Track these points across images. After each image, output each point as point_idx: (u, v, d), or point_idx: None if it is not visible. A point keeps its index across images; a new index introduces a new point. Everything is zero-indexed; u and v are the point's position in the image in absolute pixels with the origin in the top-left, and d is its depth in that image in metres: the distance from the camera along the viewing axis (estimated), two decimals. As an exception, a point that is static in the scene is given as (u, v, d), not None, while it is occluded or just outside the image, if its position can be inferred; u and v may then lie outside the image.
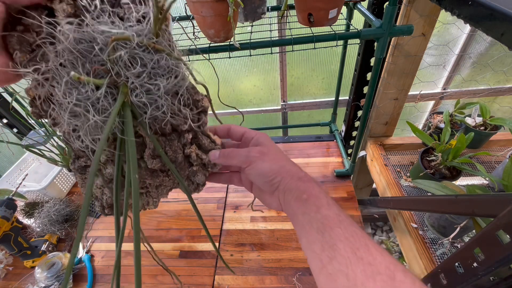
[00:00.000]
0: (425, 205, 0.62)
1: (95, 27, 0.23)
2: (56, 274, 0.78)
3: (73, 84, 0.24)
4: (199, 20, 0.55)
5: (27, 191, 0.96)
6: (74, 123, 0.25)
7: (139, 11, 0.25)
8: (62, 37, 0.23)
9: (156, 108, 0.26)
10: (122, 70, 0.24)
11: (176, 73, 0.27)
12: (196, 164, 0.34)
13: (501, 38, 0.39)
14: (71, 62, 0.24)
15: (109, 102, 0.25)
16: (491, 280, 0.39)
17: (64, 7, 0.24)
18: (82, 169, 0.33)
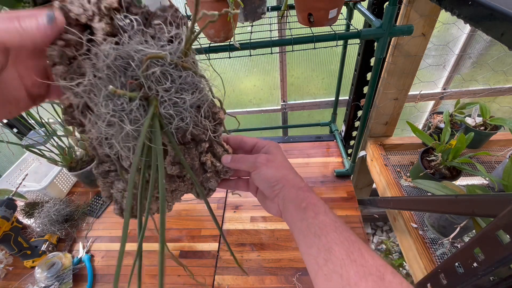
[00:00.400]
0: (425, 205, 0.62)
1: (132, 46, 0.26)
2: (56, 274, 0.78)
3: (109, 96, 0.26)
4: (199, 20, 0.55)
5: (27, 191, 0.96)
6: (109, 132, 0.28)
7: (170, 31, 0.28)
8: (102, 54, 0.26)
9: (181, 119, 0.29)
10: (154, 85, 0.27)
11: (200, 89, 0.30)
12: (210, 171, 0.37)
13: (501, 38, 0.39)
14: (109, 77, 0.26)
15: (141, 113, 0.27)
16: (491, 280, 0.39)
17: (103, 26, 0.27)
18: (105, 174, 0.35)
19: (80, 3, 0.27)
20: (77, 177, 1.05)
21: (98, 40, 0.27)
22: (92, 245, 0.90)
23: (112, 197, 0.38)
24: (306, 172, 1.04)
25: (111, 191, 0.37)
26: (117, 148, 0.29)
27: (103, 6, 0.26)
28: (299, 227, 0.30)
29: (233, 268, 0.79)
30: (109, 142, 0.29)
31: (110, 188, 0.37)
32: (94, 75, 0.26)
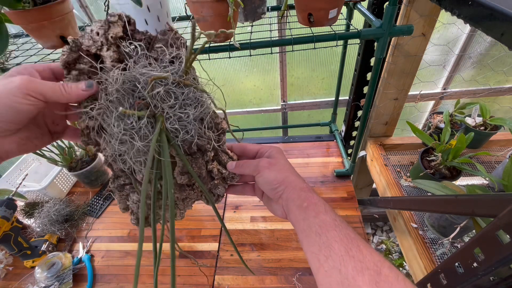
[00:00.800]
0: (425, 205, 0.62)
1: (137, 70, 0.29)
2: (56, 274, 0.78)
3: (120, 117, 0.29)
4: (199, 20, 0.55)
5: (27, 191, 0.96)
6: (121, 149, 0.30)
7: (171, 53, 0.31)
8: (111, 80, 0.29)
9: (186, 132, 0.32)
10: (159, 103, 0.29)
11: (202, 103, 0.32)
12: (217, 178, 0.39)
13: (501, 38, 0.39)
14: (118, 99, 0.29)
15: (149, 130, 0.30)
16: (491, 280, 0.39)
17: (110, 54, 0.30)
18: (120, 187, 0.38)
19: (90, 36, 0.30)
20: (77, 177, 1.05)
21: (107, 67, 0.30)
22: (92, 245, 0.90)
23: (128, 208, 0.41)
24: (306, 172, 1.04)
25: (127, 203, 0.40)
26: (130, 163, 0.31)
27: (110, 36, 0.30)
28: (302, 226, 0.32)
29: (233, 268, 0.79)
30: (122, 158, 0.32)
31: (126, 200, 0.40)
32: (105, 98, 0.29)
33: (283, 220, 0.89)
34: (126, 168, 0.33)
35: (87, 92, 0.29)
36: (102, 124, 0.30)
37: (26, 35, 0.76)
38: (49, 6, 0.53)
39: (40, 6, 0.52)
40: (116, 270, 0.82)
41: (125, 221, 0.96)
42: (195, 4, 0.52)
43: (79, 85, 0.29)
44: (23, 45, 0.75)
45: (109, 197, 1.04)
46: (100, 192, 1.07)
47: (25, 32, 0.72)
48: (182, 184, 0.37)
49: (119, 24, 0.30)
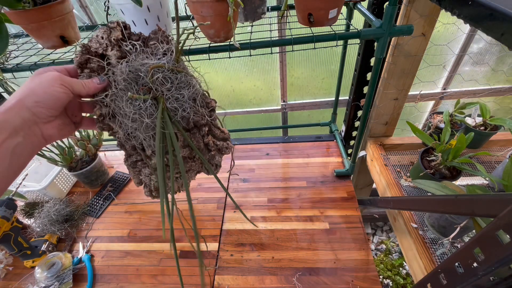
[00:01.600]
0: (425, 205, 0.62)
1: (138, 61, 0.36)
2: (56, 274, 0.78)
3: (129, 100, 0.36)
4: (199, 20, 0.55)
5: (27, 191, 0.96)
6: (133, 126, 0.37)
7: (163, 47, 0.38)
8: (119, 71, 0.36)
9: (183, 110, 0.39)
10: (159, 87, 0.37)
11: (193, 85, 0.39)
12: (213, 150, 0.46)
13: (501, 38, 0.39)
14: (126, 87, 0.36)
15: (153, 109, 0.37)
16: (491, 280, 0.39)
17: (114, 52, 0.37)
18: (133, 164, 0.45)
19: (97, 40, 0.38)
20: (77, 177, 1.05)
21: (112, 64, 0.37)
22: (92, 245, 0.90)
23: (141, 182, 0.48)
24: (306, 172, 1.04)
25: (140, 178, 0.47)
26: (141, 138, 0.39)
27: (112, 38, 0.37)
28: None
29: (233, 268, 0.79)
30: (134, 135, 0.39)
31: (139, 175, 0.47)
32: (115, 87, 0.36)
33: (283, 220, 0.89)
34: (138, 144, 0.40)
35: (101, 85, 0.36)
36: (114, 109, 0.37)
37: (26, 35, 0.76)
38: (49, 6, 0.53)
39: (40, 6, 0.52)
40: (116, 270, 0.82)
41: (125, 221, 0.96)
42: (195, 4, 0.52)
43: (93, 80, 0.36)
44: (23, 45, 0.75)
45: (109, 197, 1.04)
46: (100, 192, 1.07)
47: (25, 32, 0.72)
48: (184, 157, 0.44)
49: (118, 29, 0.38)
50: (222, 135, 0.47)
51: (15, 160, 0.29)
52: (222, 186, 0.45)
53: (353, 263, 0.76)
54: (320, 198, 0.94)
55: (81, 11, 1.04)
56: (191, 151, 0.43)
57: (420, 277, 0.66)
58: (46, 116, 0.32)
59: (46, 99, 0.31)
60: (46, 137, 0.33)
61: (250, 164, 1.12)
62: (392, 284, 1.55)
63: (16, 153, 0.29)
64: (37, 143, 0.32)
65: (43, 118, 0.32)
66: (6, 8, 0.52)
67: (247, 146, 1.20)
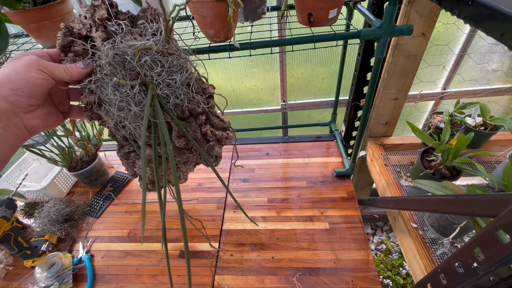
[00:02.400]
0: (425, 205, 0.62)
1: (125, 43, 0.32)
2: (56, 274, 0.78)
3: (115, 87, 0.32)
4: (199, 20, 0.55)
5: (27, 191, 0.96)
6: (121, 115, 0.34)
7: (152, 27, 0.34)
8: (103, 55, 0.32)
9: (176, 97, 0.35)
10: (148, 72, 0.33)
11: (186, 69, 0.35)
12: (212, 140, 0.42)
13: (501, 38, 0.39)
14: (112, 71, 0.32)
15: (142, 96, 0.33)
16: (491, 280, 0.39)
17: (99, 34, 0.33)
18: (126, 155, 0.42)
19: (79, 20, 0.34)
20: (77, 177, 1.05)
21: (98, 46, 0.33)
22: (92, 245, 0.90)
23: (136, 174, 0.45)
24: (306, 172, 1.04)
25: (134, 169, 0.44)
26: (130, 128, 0.35)
27: (96, 18, 0.33)
28: None
29: (233, 268, 0.79)
30: (123, 124, 0.35)
31: (133, 167, 0.44)
32: (100, 72, 0.33)
33: (283, 220, 0.89)
34: (128, 134, 0.37)
35: (86, 69, 0.33)
36: (100, 96, 0.34)
37: (26, 35, 0.76)
38: (49, 6, 0.53)
39: (40, 6, 0.52)
40: (116, 270, 0.82)
41: (125, 221, 0.96)
42: (195, 4, 0.52)
43: (77, 65, 0.33)
44: (23, 45, 0.75)
45: (109, 197, 1.04)
46: (100, 192, 1.07)
47: (25, 32, 0.72)
48: (181, 147, 0.40)
49: (103, 7, 0.34)
50: (221, 124, 0.43)
51: None
52: (222, 181, 0.43)
53: (353, 263, 0.77)
54: (320, 198, 0.94)
55: (81, 11, 1.03)
56: (188, 142, 0.40)
57: (420, 277, 0.66)
58: (25, 105, 0.29)
59: (23, 86, 0.28)
60: (29, 128, 0.31)
61: (250, 164, 1.12)
62: (392, 284, 1.55)
63: None
64: (20, 134, 0.30)
65: (22, 108, 0.29)
66: (6, 8, 0.52)
67: (247, 146, 1.20)
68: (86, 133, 1.02)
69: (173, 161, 0.35)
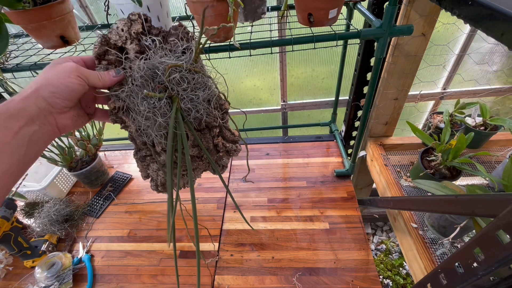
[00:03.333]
0: (425, 205, 0.62)
1: (156, 59, 0.35)
2: (56, 274, 0.78)
3: (144, 98, 0.35)
4: (199, 20, 0.55)
5: (27, 191, 0.96)
6: (146, 124, 0.37)
7: (183, 45, 0.37)
8: (137, 68, 0.35)
9: (196, 111, 0.38)
10: (175, 87, 0.36)
11: (209, 86, 0.39)
12: (221, 151, 0.46)
13: (501, 38, 0.39)
14: (142, 83, 0.35)
15: (167, 108, 0.36)
16: (491, 280, 0.39)
17: (133, 46, 0.36)
18: (142, 158, 0.45)
19: (117, 32, 0.37)
20: (77, 177, 1.05)
21: (130, 58, 0.36)
22: (92, 245, 0.90)
23: (149, 176, 0.48)
24: (306, 172, 1.04)
25: (147, 172, 0.47)
26: (152, 136, 0.38)
27: (132, 31, 0.36)
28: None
29: (233, 268, 0.79)
30: (146, 132, 0.39)
31: (147, 169, 0.47)
32: (132, 83, 0.36)
33: (283, 220, 0.89)
34: (149, 141, 0.40)
35: (117, 78, 0.36)
36: (129, 104, 0.37)
37: (26, 35, 0.76)
38: (49, 6, 0.53)
39: (40, 6, 0.52)
40: (116, 270, 0.82)
41: (125, 221, 0.96)
42: (195, 4, 0.52)
43: (110, 73, 0.36)
44: (23, 45, 0.75)
45: (109, 197, 1.04)
46: (100, 192, 1.07)
47: (25, 32, 0.72)
48: (193, 155, 0.44)
49: (139, 21, 0.37)
50: (232, 137, 0.47)
51: (31, 148, 0.30)
52: (226, 187, 0.46)
53: (353, 263, 0.77)
54: (320, 198, 0.94)
55: (81, 11, 1.04)
56: (200, 151, 0.43)
57: (420, 277, 0.66)
58: (61, 106, 0.32)
59: (62, 90, 0.31)
60: (60, 127, 0.33)
61: (250, 164, 1.12)
62: (392, 284, 1.55)
63: (32, 141, 0.30)
64: (51, 132, 0.33)
65: (58, 109, 0.32)
66: (6, 8, 0.52)
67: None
68: (86, 133, 1.02)
69: (190, 168, 0.38)
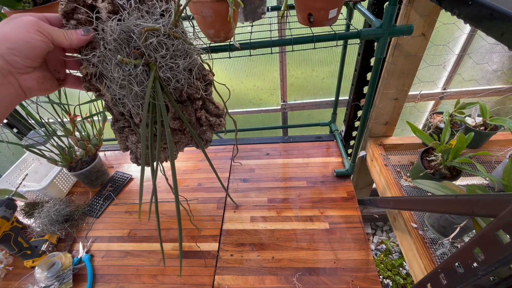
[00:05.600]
0: (425, 205, 0.62)
1: (131, 21, 0.31)
2: (56, 274, 0.78)
3: (118, 64, 0.32)
4: (199, 20, 0.55)
5: (27, 191, 0.96)
6: (121, 93, 0.34)
7: (161, 6, 0.33)
8: (109, 30, 0.31)
9: (177, 81, 0.35)
10: (152, 53, 0.32)
11: (190, 54, 0.35)
12: (205, 125, 0.44)
13: (501, 38, 0.39)
14: (116, 48, 0.32)
15: (144, 77, 0.33)
16: (491, 280, 0.39)
17: (105, 5, 0.32)
18: (120, 130, 0.43)
19: None
20: (77, 177, 1.05)
21: (103, 18, 0.32)
22: (92, 245, 0.90)
23: (128, 148, 0.45)
24: (306, 172, 1.04)
25: (126, 144, 0.45)
26: (129, 106, 0.35)
27: None
28: None
29: (233, 268, 0.79)
30: (122, 101, 0.35)
31: (126, 141, 0.44)
32: (104, 47, 0.32)
33: (283, 220, 0.89)
34: (125, 111, 0.37)
35: (86, 37, 0.32)
36: (102, 71, 0.33)
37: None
38: (49, 6, 0.53)
39: (40, 6, 0.52)
40: (116, 270, 0.82)
41: (125, 221, 0.96)
42: (195, 4, 0.52)
43: (78, 31, 0.32)
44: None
45: (109, 197, 1.04)
46: (100, 192, 1.07)
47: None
48: (174, 128, 0.42)
49: None
50: (216, 111, 0.44)
51: None
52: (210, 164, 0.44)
53: (353, 263, 0.77)
54: (320, 198, 0.94)
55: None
56: (182, 124, 0.41)
57: (420, 277, 0.66)
58: (22, 66, 0.29)
59: (21, 46, 0.28)
60: (25, 89, 0.30)
61: (250, 164, 1.12)
62: (392, 284, 1.55)
63: None
64: (15, 94, 0.29)
65: (19, 68, 0.29)
66: (6, 8, 0.52)
67: (247, 146, 1.20)
68: (86, 133, 1.02)
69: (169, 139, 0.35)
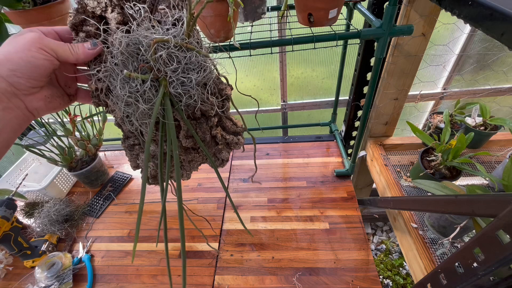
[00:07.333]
0: (425, 205, 0.62)
1: (140, 32, 0.29)
2: (56, 274, 0.78)
3: (125, 79, 0.29)
4: (199, 20, 0.55)
5: (27, 191, 0.96)
6: (127, 110, 0.31)
7: (173, 15, 0.30)
8: (116, 43, 0.29)
9: (189, 97, 0.32)
10: (162, 67, 0.29)
11: (204, 68, 0.32)
12: (221, 143, 0.40)
13: (501, 38, 0.39)
14: (123, 62, 0.29)
15: (153, 93, 0.30)
16: (491, 280, 0.39)
17: (115, 15, 0.30)
18: (131, 147, 0.41)
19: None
20: (77, 177, 1.05)
21: (112, 29, 0.30)
22: (92, 245, 0.90)
23: (138, 166, 0.43)
24: (306, 172, 1.04)
25: (137, 162, 0.43)
26: (136, 125, 0.33)
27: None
28: None
29: (233, 268, 0.79)
30: (130, 120, 0.33)
31: (136, 159, 0.42)
32: (111, 61, 0.30)
33: (283, 220, 0.89)
34: (134, 129, 0.35)
35: (93, 51, 0.30)
36: (110, 86, 0.31)
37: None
38: (49, 6, 0.53)
39: (40, 6, 0.52)
40: (116, 270, 0.83)
41: (125, 221, 0.96)
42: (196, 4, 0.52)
43: (85, 45, 0.30)
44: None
45: (109, 197, 1.04)
46: (100, 192, 1.07)
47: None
48: (188, 147, 0.39)
49: None
50: (233, 128, 0.41)
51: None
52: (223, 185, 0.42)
53: (353, 263, 0.77)
54: (320, 198, 0.94)
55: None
56: (195, 142, 0.38)
57: (420, 277, 0.66)
58: (26, 87, 0.27)
59: (23, 67, 0.26)
60: (32, 111, 0.29)
61: (250, 164, 1.12)
62: (392, 284, 1.55)
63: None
64: (22, 117, 0.28)
65: (23, 90, 0.27)
66: (6, 8, 0.52)
67: (247, 146, 1.20)
68: (86, 133, 1.02)
69: (177, 162, 0.32)
